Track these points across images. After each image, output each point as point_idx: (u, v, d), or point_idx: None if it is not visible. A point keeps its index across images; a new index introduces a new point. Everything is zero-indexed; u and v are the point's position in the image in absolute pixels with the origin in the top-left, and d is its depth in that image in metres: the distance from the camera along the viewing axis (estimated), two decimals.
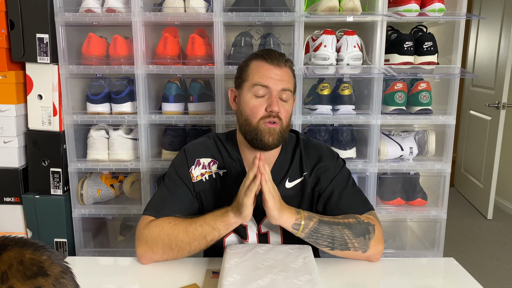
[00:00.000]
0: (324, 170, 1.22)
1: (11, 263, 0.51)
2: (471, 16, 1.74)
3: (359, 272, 1.11)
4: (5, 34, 1.68)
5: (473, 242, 3.01)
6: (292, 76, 1.19)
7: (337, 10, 1.61)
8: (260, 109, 1.14)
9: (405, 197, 1.82)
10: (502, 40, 3.26)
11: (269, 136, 1.14)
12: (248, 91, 1.16)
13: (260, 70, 1.15)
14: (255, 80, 1.14)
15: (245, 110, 1.17)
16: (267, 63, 1.14)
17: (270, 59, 1.14)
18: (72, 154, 1.76)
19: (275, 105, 1.12)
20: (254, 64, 1.17)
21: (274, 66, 1.14)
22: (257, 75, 1.15)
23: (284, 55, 1.18)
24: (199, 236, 1.09)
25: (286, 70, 1.16)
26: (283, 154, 1.25)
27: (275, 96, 1.13)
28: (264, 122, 1.14)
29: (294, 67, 1.23)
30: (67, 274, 0.56)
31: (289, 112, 1.19)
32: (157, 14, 1.66)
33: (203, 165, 1.23)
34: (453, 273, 1.14)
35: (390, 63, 1.72)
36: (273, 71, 1.14)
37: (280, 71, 1.15)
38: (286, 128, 1.18)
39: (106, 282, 1.09)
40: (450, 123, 1.73)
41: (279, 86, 1.14)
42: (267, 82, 1.13)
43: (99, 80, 1.76)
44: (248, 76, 1.17)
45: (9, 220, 1.80)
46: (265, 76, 1.14)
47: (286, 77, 1.15)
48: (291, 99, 1.19)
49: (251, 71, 1.16)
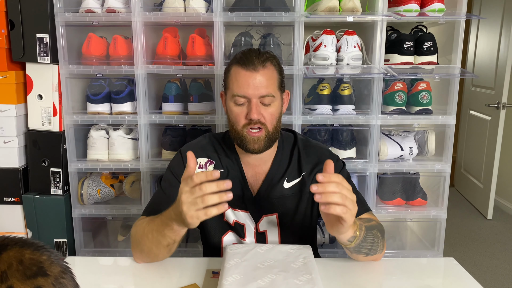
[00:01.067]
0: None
1: (11, 263, 0.51)
2: (471, 16, 1.74)
3: (359, 272, 1.11)
4: (5, 34, 1.68)
5: (473, 242, 3.01)
6: (274, 75, 1.15)
7: (337, 10, 1.61)
8: (241, 116, 1.14)
9: (405, 197, 1.82)
10: (502, 40, 3.26)
11: (254, 144, 1.14)
12: (230, 99, 1.16)
13: (238, 79, 1.13)
14: (234, 90, 1.14)
15: (230, 117, 1.17)
16: (243, 70, 1.12)
17: (246, 65, 1.12)
18: (72, 154, 1.76)
19: (253, 113, 1.11)
20: (233, 71, 1.15)
21: (250, 72, 1.11)
22: (235, 84, 1.13)
23: (263, 54, 1.14)
24: (155, 241, 1.06)
25: (265, 73, 1.13)
26: (280, 153, 1.24)
27: (254, 104, 1.12)
28: (247, 129, 1.14)
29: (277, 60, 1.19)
30: (67, 274, 0.56)
31: (275, 115, 1.16)
32: (157, 14, 1.66)
33: (199, 165, 1.23)
34: (453, 273, 1.14)
35: (390, 63, 1.72)
36: (251, 77, 1.11)
37: (258, 76, 1.12)
38: (274, 130, 1.16)
39: (106, 282, 1.09)
40: (450, 123, 1.73)
41: (257, 93, 1.12)
42: (244, 91, 1.12)
43: (99, 80, 1.77)
44: (229, 84, 1.16)
45: (9, 220, 1.81)
46: (242, 86, 1.12)
47: (264, 81, 1.12)
48: (277, 101, 1.16)
49: (231, 79, 1.15)
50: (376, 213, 1.76)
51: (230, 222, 1.23)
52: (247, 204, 1.22)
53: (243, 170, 1.23)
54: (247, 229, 1.22)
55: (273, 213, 1.22)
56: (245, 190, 1.22)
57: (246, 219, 1.23)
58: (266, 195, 1.22)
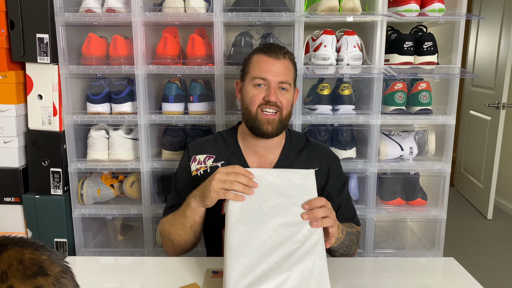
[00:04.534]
0: (337, 174, 1.31)
1: (11, 263, 0.51)
2: (471, 16, 1.74)
3: (359, 272, 1.12)
4: (5, 34, 1.68)
5: (473, 242, 3.01)
6: (292, 68, 1.25)
7: (337, 10, 1.61)
8: (259, 97, 1.21)
9: (405, 197, 1.82)
10: (502, 40, 3.26)
11: (268, 125, 1.21)
12: (249, 82, 1.24)
13: (260, 63, 1.22)
14: (255, 73, 1.22)
15: (246, 99, 1.25)
16: (266, 56, 1.22)
17: (269, 52, 1.21)
18: (72, 154, 1.76)
19: (272, 95, 1.19)
20: (255, 58, 1.24)
21: (272, 59, 1.21)
22: (257, 68, 1.22)
23: (284, 48, 1.25)
24: (181, 225, 1.14)
25: (285, 62, 1.22)
26: (288, 145, 1.31)
27: (273, 88, 1.20)
28: (262, 110, 1.20)
29: (293, 58, 1.28)
30: (67, 273, 0.56)
31: (290, 101, 1.25)
32: (157, 14, 1.66)
33: (198, 161, 1.30)
34: (453, 273, 1.14)
35: (390, 63, 1.72)
36: (272, 63, 1.21)
37: (278, 63, 1.21)
38: (286, 117, 1.25)
39: (107, 282, 1.09)
40: (450, 123, 1.73)
41: (277, 78, 1.21)
42: (265, 74, 1.20)
43: (99, 80, 1.76)
44: (249, 69, 1.24)
45: (9, 220, 1.80)
46: (264, 69, 1.21)
47: (284, 69, 1.22)
48: (292, 90, 1.26)
49: (252, 64, 1.24)
50: (376, 213, 1.77)
51: None
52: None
53: (245, 159, 1.28)
54: None
55: None
56: None
57: None
58: None
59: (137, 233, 1.95)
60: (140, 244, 1.84)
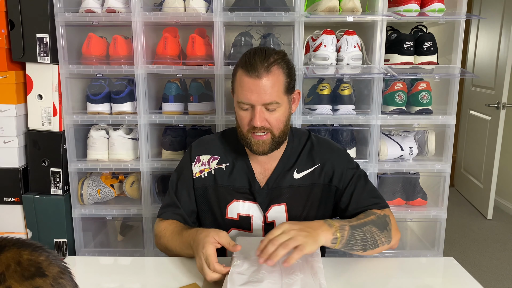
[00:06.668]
0: (341, 168, 1.24)
1: (9, 264, 0.51)
2: (471, 16, 1.74)
3: (359, 272, 1.11)
4: (5, 34, 1.68)
5: (473, 242, 3.01)
6: (280, 80, 1.12)
7: (337, 10, 1.61)
8: (246, 120, 1.15)
9: (405, 197, 1.82)
10: (502, 40, 3.25)
11: (259, 147, 1.16)
12: (236, 103, 1.16)
13: (242, 85, 1.11)
14: (238, 96, 1.13)
15: (236, 117, 1.19)
16: (247, 77, 1.10)
17: (251, 71, 1.09)
18: (72, 154, 1.76)
19: (256, 121, 1.11)
20: (238, 76, 1.13)
21: (253, 79, 1.09)
22: (239, 89, 1.13)
23: (269, 58, 1.11)
24: (180, 248, 1.15)
25: (269, 79, 1.10)
26: (289, 148, 1.26)
27: (258, 111, 1.11)
28: (252, 133, 1.15)
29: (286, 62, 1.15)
30: (66, 274, 0.55)
31: (281, 119, 1.15)
32: (157, 14, 1.66)
33: (202, 162, 1.26)
34: (453, 273, 1.14)
35: (390, 63, 1.72)
36: (254, 84, 1.09)
37: (261, 82, 1.09)
38: (280, 134, 1.16)
39: (107, 282, 1.09)
40: (450, 123, 1.73)
41: (260, 100, 1.10)
42: (248, 99, 1.11)
43: (99, 80, 1.76)
44: (235, 88, 1.16)
45: (9, 220, 1.81)
46: (245, 93, 1.11)
47: (268, 88, 1.09)
48: (283, 104, 1.15)
49: (236, 83, 1.14)
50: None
51: (234, 216, 1.24)
52: (255, 195, 1.23)
53: (250, 162, 1.25)
54: (254, 221, 1.24)
55: (281, 203, 1.23)
56: (252, 182, 1.23)
57: (254, 211, 1.24)
58: (275, 185, 1.23)
59: (137, 233, 1.95)
60: (140, 244, 1.84)
